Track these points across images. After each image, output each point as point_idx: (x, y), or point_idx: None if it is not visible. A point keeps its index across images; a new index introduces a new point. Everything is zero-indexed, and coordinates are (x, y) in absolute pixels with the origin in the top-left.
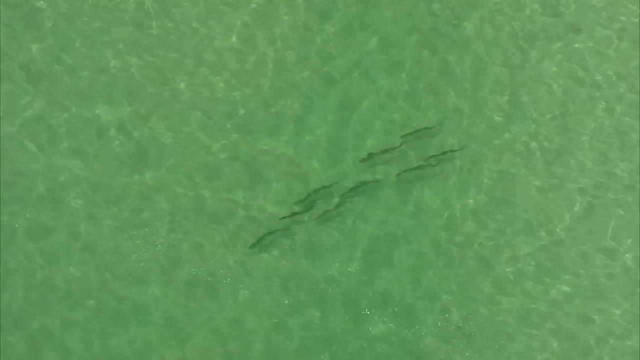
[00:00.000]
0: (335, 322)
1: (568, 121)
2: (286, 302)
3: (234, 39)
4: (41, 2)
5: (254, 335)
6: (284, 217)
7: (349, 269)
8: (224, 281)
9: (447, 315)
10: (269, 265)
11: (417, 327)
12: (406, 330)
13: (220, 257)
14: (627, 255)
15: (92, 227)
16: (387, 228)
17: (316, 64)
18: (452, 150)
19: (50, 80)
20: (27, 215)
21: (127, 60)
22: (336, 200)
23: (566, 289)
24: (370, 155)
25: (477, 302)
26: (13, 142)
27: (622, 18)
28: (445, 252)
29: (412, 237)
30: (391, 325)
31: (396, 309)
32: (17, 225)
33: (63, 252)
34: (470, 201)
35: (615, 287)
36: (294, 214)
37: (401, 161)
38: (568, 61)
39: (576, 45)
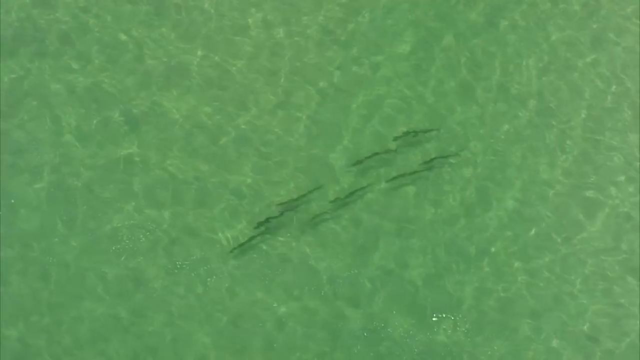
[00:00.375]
0: (338, 322)
1: (592, 124)
2: (287, 300)
3: (249, 26)
4: None
5: (252, 334)
6: (288, 212)
7: (355, 268)
8: (223, 277)
9: (454, 317)
10: (271, 261)
11: (423, 327)
12: (412, 331)
13: (221, 251)
14: None
15: (90, 217)
16: (400, 227)
17: (336, 57)
18: (472, 149)
19: (56, 62)
20: (24, 205)
21: (138, 43)
22: (347, 197)
23: (577, 295)
24: (387, 152)
25: (486, 304)
26: (12, 126)
27: None
28: (458, 255)
29: (425, 237)
30: (396, 325)
31: (402, 309)
32: (14, 215)
33: (59, 243)
34: (490, 202)
35: (625, 295)
36: (299, 209)
37: (419, 160)
38: (596, 62)
39: (605, 45)
